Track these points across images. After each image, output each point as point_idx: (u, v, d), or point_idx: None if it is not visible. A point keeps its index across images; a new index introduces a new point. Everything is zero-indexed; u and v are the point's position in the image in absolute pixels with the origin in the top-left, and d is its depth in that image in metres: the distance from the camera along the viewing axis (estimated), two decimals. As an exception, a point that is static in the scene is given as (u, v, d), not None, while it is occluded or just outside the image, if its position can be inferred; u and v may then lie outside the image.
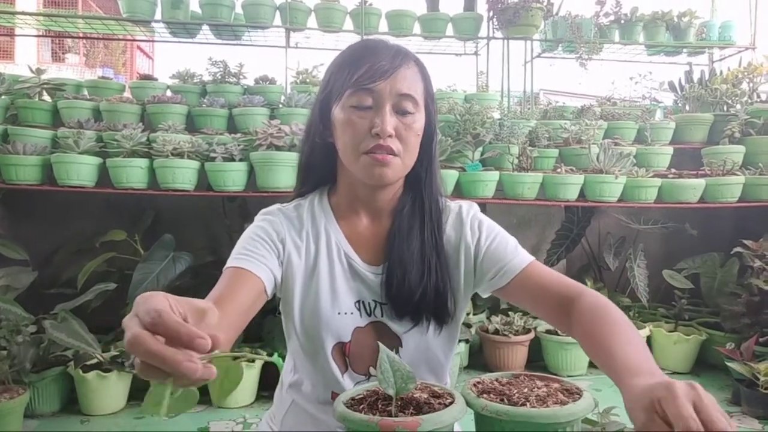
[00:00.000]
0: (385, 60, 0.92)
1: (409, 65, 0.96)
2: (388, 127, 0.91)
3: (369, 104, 0.92)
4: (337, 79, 0.96)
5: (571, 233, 3.46)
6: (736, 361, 2.57)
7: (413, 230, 1.00)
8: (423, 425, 0.64)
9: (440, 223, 1.03)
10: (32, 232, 3.20)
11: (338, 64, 0.97)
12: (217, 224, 3.22)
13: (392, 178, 0.96)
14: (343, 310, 0.98)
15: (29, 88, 3.12)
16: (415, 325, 0.99)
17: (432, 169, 1.03)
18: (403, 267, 0.97)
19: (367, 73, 0.91)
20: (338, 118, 0.95)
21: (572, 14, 3.70)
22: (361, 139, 0.93)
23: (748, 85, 3.58)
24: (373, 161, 0.92)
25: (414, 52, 1.02)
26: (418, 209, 1.02)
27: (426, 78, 0.99)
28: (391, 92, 0.92)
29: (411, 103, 0.94)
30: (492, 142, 3.08)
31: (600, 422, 1.11)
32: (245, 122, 3.10)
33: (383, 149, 0.92)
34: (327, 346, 0.98)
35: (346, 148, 0.95)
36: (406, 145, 0.94)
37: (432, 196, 1.03)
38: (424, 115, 0.98)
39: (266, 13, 3.45)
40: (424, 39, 3.81)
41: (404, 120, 0.94)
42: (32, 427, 2.42)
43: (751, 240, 2.95)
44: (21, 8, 5.97)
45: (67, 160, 2.66)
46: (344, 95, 0.94)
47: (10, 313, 2.40)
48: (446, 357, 1.06)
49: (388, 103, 0.92)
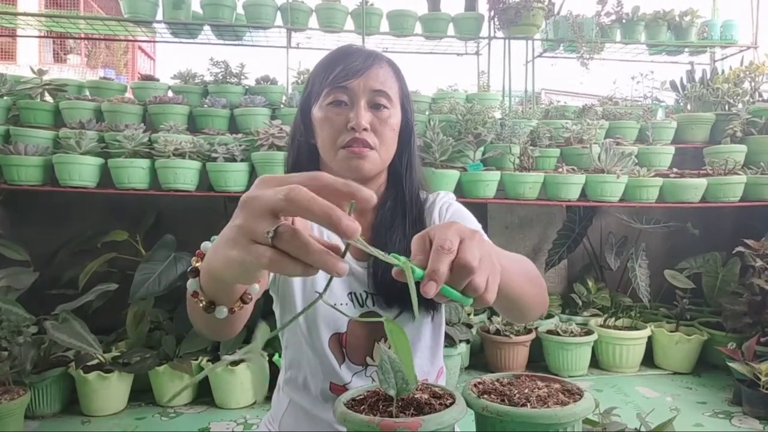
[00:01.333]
0: (358, 60, 0.99)
1: (382, 65, 1.01)
2: (362, 120, 0.96)
3: (345, 100, 0.98)
4: (315, 82, 1.02)
5: (572, 233, 3.46)
6: (738, 361, 2.56)
7: (395, 223, 1.04)
8: (424, 426, 0.64)
9: (421, 216, 1.07)
10: (34, 232, 3.21)
11: (317, 69, 1.04)
12: (218, 225, 3.17)
13: (369, 170, 1.00)
14: (338, 302, 1.01)
15: (31, 89, 3.12)
16: (402, 312, 1.02)
17: (412, 164, 1.08)
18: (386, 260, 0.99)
19: (341, 72, 0.97)
20: (317, 117, 1.01)
21: (573, 14, 3.70)
22: (338, 134, 0.98)
23: (750, 84, 3.58)
24: (350, 154, 0.97)
25: (415, 52, 1.04)
26: (399, 204, 1.06)
27: (400, 78, 1.05)
28: (365, 89, 0.98)
29: (385, 99, 0.99)
30: (493, 141, 3.07)
31: (600, 422, 1.11)
32: (247, 122, 3.10)
33: (359, 142, 0.96)
34: (324, 337, 1.00)
35: (324, 145, 1.00)
36: (382, 139, 0.99)
37: (412, 191, 1.08)
38: (399, 111, 1.04)
39: (267, 13, 3.46)
40: (426, 39, 3.81)
41: (379, 114, 0.99)
42: (33, 427, 2.42)
43: (753, 239, 2.94)
44: (23, 9, 5.98)
45: (68, 160, 2.66)
46: (322, 95, 1.00)
47: (11, 314, 2.40)
48: (436, 340, 1.09)
49: (363, 98, 0.98)
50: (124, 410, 2.58)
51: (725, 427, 2.45)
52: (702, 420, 2.52)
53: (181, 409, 2.61)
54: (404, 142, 1.06)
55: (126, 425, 2.44)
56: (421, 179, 1.11)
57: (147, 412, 2.57)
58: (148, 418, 2.51)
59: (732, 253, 3.14)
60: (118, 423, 2.47)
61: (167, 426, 2.45)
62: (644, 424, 1.16)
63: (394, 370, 0.71)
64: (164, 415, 2.55)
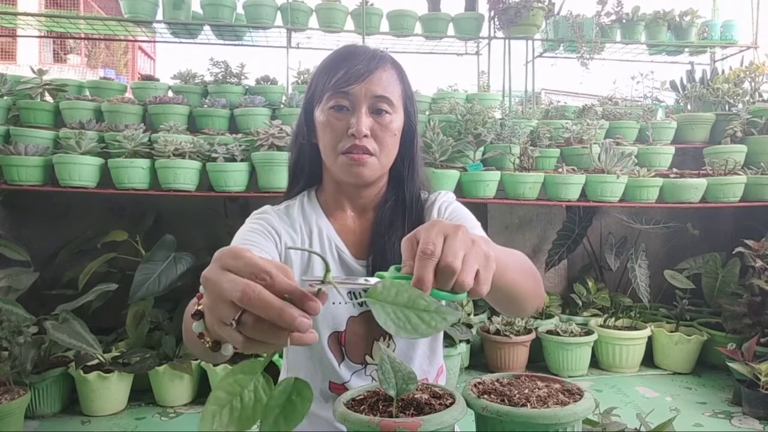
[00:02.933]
0: (361, 64, 0.97)
1: (386, 68, 1.00)
2: (363, 127, 0.96)
3: (346, 105, 0.97)
4: (318, 83, 1.02)
5: (572, 233, 3.46)
6: (738, 362, 2.56)
7: (394, 224, 1.05)
8: (424, 426, 0.64)
9: (421, 216, 1.08)
10: (34, 232, 3.21)
11: (320, 69, 1.03)
12: (218, 225, 3.23)
13: (369, 176, 1.00)
14: (337, 300, 1.01)
15: (31, 89, 3.12)
16: None
17: (414, 166, 1.08)
18: (385, 259, 1.01)
19: (344, 76, 0.96)
20: (319, 120, 1.01)
21: (573, 14, 3.70)
22: (339, 139, 0.98)
23: (750, 84, 3.57)
24: (350, 161, 0.97)
25: (415, 52, 1.04)
26: (399, 204, 1.07)
27: (404, 80, 1.04)
28: (367, 94, 0.97)
29: (387, 104, 0.99)
30: (493, 141, 3.07)
31: (600, 423, 1.11)
32: (246, 122, 3.10)
33: (359, 149, 0.96)
34: (323, 335, 1.00)
35: (326, 149, 1.01)
36: (383, 145, 0.99)
37: (413, 192, 1.08)
38: (402, 115, 1.03)
39: (267, 13, 3.46)
40: (426, 39, 3.81)
41: (380, 120, 0.98)
42: (33, 427, 2.42)
43: (753, 240, 2.94)
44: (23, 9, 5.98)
45: (68, 160, 2.66)
46: (324, 98, 0.99)
47: (11, 314, 2.40)
48: (435, 338, 1.09)
49: (364, 104, 0.97)
50: (123, 410, 2.58)
51: (725, 427, 2.45)
52: (702, 420, 2.52)
53: (181, 409, 2.61)
54: (406, 144, 1.06)
55: (126, 425, 2.44)
56: (424, 180, 1.11)
57: (147, 412, 2.57)
58: (148, 418, 2.51)
59: (732, 254, 3.13)
60: (118, 423, 2.47)
61: (167, 426, 2.45)
62: (644, 424, 1.16)
63: (394, 370, 0.71)
64: (164, 415, 2.55)
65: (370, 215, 1.08)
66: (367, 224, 1.07)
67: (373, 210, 1.08)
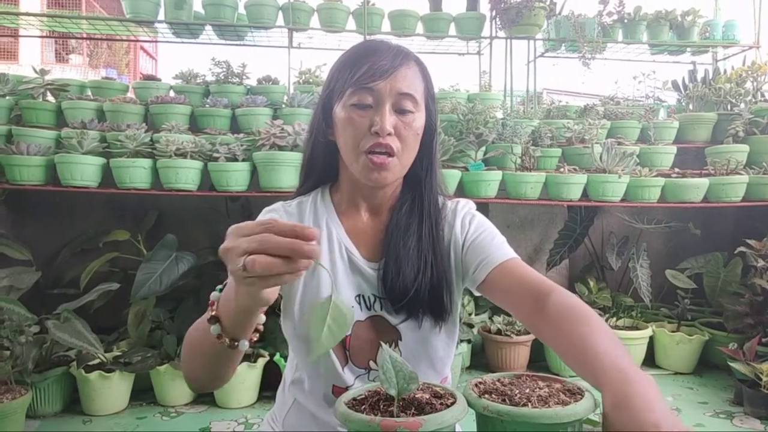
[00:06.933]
0: (386, 59, 0.94)
1: (410, 65, 0.97)
2: (387, 125, 0.92)
3: (369, 103, 0.94)
4: (339, 78, 0.97)
5: (574, 233, 3.46)
6: (739, 362, 2.56)
7: (411, 228, 1.02)
8: (425, 426, 0.64)
9: (438, 221, 1.04)
10: (36, 232, 3.21)
11: (341, 64, 0.99)
12: (219, 224, 3.23)
13: (390, 180, 0.98)
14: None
15: (33, 89, 3.13)
16: (409, 318, 0.99)
17: (432, 168, 1.04)
18: (399, 263, 0.98)
19: (367, 72, 0.93)
20: (339, 117, 0.97)
21: (575, 13, 3.70)
22: (361, 137, 0.94)
23: (752, 84, 3.57)
24: (371, 165, 0.94)
25: (416, 52, 1.02)
26: (416, 207, 1.03)
27: (427, 78, 1.00)
28: (391, 91, 0.93)
29: (411, 102, 0.95)
30: (495, 141, 3.07)
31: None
32: (248, 122, 3.11)
33: (382, 146, 0.93)
34: None
35: (346, 146, 0.97)
36: (405, 144, 0.96)
37: (431, 195, 1.04)
38: (424, 114, 0.99)
39: (269, 13, 3.46)
40: (427, 39, 3.81)
41: (404, 119, 0.95)
42: (34, 427, 2.42)
43: (755, 239, 2.94)
44: (25, 9, 5.99)
45: (70, 160, 2.66)
46: (345, 94, 0.95)
47: (13, 313, 2.40)
48: (446, 351, 1.05)
49: (388, 101, 0.94)
50: (125, 410, 2.59)
51: (726, 427, 2.45)
52: (703, 420, 2.52)
53: (182, 409, 2.61)
54: (426, 144, 1.02)
55: (127, 425, 2.45)
56: (440, 183, 1.07)
57: (148, 412, 2.58)
58: (149, 418, 2.52)
59: (734, 254, 3.13)
60: (119, 422, 2.47)
61: (168, 426, 2.45)
62: (645, 424, 1.16)
63: (396, 370, 0.71)
64: (165, 415, 2.55)
65: (384, 216, 1.05)
66: (380, 225, 1.05)
67: (387, 211, 1.05)
